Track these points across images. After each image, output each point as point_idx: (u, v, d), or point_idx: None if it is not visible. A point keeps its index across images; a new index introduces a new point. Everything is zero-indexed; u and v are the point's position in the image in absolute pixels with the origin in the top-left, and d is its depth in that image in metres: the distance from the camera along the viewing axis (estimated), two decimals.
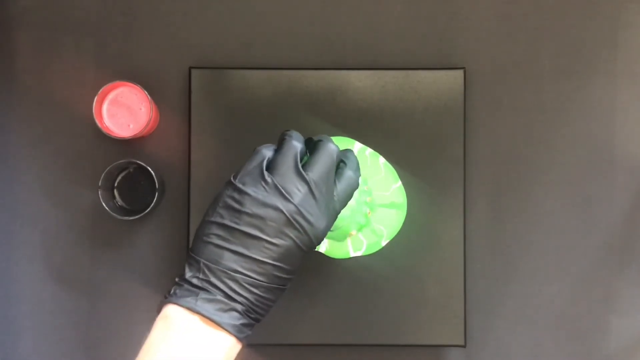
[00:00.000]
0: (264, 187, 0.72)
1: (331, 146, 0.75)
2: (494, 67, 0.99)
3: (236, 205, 0.72)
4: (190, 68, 0.97)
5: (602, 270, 0.98)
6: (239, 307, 0.71)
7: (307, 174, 0.73)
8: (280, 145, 0.75)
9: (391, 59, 0.99)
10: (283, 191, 0.72)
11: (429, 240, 0.96)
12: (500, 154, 0.98)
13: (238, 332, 0.71)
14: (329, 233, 0.85)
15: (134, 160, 0.94)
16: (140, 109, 0.95)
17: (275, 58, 0.99)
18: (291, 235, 0.72)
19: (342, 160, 0.78)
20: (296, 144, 0.74)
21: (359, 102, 0.96)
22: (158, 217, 0.98)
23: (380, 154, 0.96)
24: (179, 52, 0.99)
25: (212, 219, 0.73)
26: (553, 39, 0.99)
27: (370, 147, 0.96)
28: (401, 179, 0.96)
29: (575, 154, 0.98)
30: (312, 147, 0.77)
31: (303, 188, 0.73)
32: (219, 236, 0.72)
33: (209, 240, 0.73)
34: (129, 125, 0.95)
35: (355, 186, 0.78)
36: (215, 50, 0.99)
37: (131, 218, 0.93)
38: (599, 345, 0.98)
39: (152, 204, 0.94)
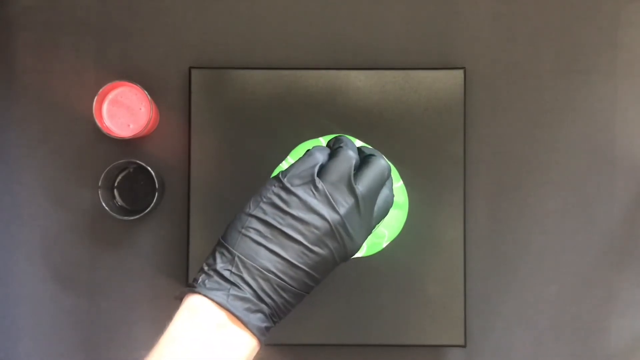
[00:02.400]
0: (313, 193, 0.71)
1: (383, 163, 0.74)
2: (494, 67, 0.99)
3: (282, 205, 0.71)
4: (190, 68, 0.97)
5: (602, 270, 0.98)
6: (265, 309, 0.70)
7: (357, 188, 0.72)
8: (335, 152, 0.74)
9: (391, 59, 0.99)
10: (332, 200, 0.71)
11: (429, 240, 0.96)
12: (500, 154, 0.98)
13: (261, 335, 0.70)
14: None
15: (134, 160, 0.94)
16: (140, 109, 0.95)
17: (275, 58, 0.99)
18: (330, 245, 0.71)
19: None
20: (352, 155, 0.73)
21: (359, 102, 0.96)
22: (158, 217, 0.98)
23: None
24: (179, 52, 0.99)
25: (254, 212, 0.71)
26: (553, 39, 0.99)
27: (371, 147, 0.96)
28: (401, 179, 0.96)
29: (576, 154, 0.98)
30: (361, 159, 0.75)
31: (351, 201, 0.72)
32: (258, 232, 0.71)
33: (247, 234, 0.71)
34: (129, 125, 0.95)
35: (390, 205, 0.77)
36: (215, 50, 0.99)
37: (131, 218, 0.93)
38: (599, 345, 0.98)
39: (152, 204, 0.94)
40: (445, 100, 0.96)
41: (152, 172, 0.93)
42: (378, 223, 0.76)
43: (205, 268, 0.71)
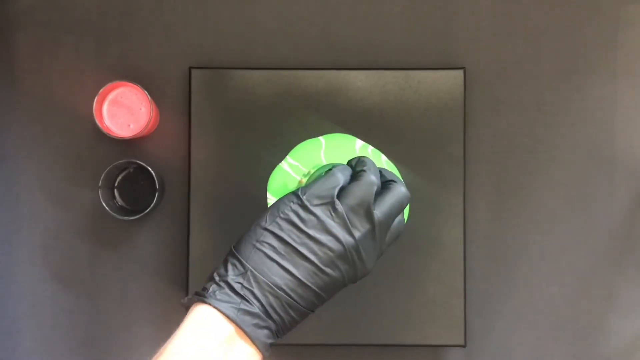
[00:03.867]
0: (331, 214, 0.71)
1: (404, 192, 0.74)
2: (494, 67, 0.99)
3: (299, 223, 0.71)
4: (190, 68, 0.97)
5: (602, 270, 0.98)
6: (272, 326, 0.70)
7: (375, 214, 0.72)
8: (357, 176, 0.73)
9: (391, 59, 0.99)
10: (349, 224, 0.71)
11: (429, 240, 0.96)
12: (500, 154, 0.98)
13: (265, 351, 0.70)
14: None
15: (134, 160, 0.94)
16: (140, 109, 0.95)
17: (275, 58, 0.99)
18: (342, 268, 0.71)
19: None
20: (374, 181, 0.73)
21: (359, 102, 0.96)
22: (158, 217, 0.98)
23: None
24: (179, 52, 0.99)
25: (270, 227, 0.71)
26: (553, 39, 0.99)
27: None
28: (402, 179, 0.96)
29: (575, 154, 0.98)
30: (382, 183, 0.75)
31: (367, 226, 0.72)
32: (272, 247, 0.70)
33: (262, 248, 0.70)
34: (129, 125, 0.95)
35: (402, 230, 0.76)
36: (215, 50, 0.99)
37: (131, 218, 0.93)
38: (599, 345, 0.98)
39: (152, 204, 0.94)
40: (445, 100, 0.96)
41: (152, 172, 0.93)
42: (387, 247, 0.76)
43: (217, 278, 0.71)
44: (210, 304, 0.69)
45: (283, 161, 0.95)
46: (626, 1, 0.99)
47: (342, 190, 0.73)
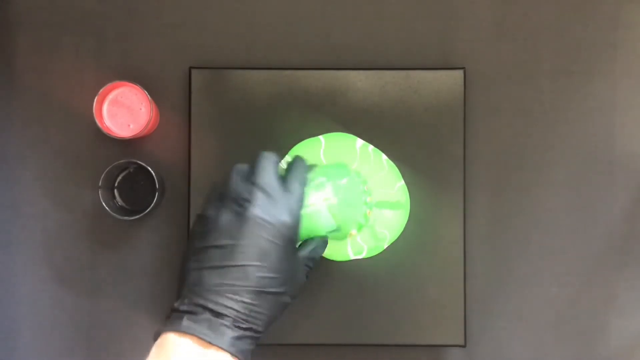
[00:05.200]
0: (216, 206, 0.78)
1: (267, 154, 0.82)
2: (494, 67, 0.99)
3: (200, 229, 0.77)
4: (190, 68, 0.97)
5: (602, 270, 0.98)
6: (227, 320, 0.73)
7: (254, 181, 0.79)
8: (226, 176, 0.82)
9: (391, 59, 0.99)
10: (238, 199, 0.77)
11: (429, 240, 0.96)
12: (500, 154, 0.98)
13: (230, 347, 0.72)
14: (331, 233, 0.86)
15: (134, 160, 0.94)
16: (140, 109, 0.95)
17: (275, 58, 0.99)
18: (256, 232, 0.75)
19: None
20: (237, 167, 0.82)
21: (359, 102, 0.96)
22: (158, 217, 0.98)
23: None
24: (179, 52, 0.99)
25: (188, 251, 0.78)
26: (553, 39, 0.99)
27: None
28: (402, 179, 0.96)
29: (575, 154, 0.98)
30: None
31: (252, 192, 0.78)
32: (195, 260, 0.76)
33: (189, 267, 0.76)
34: (129, 125, 0.95)
35: (305, 175, 0.83)
36: (215, 50, 0.99)
37: (131, 218, 0.93)
38: (599, 345, 0.98)
39: (152, 204, 0.94)
40: (445, 100, 0.96)
41: (152, 172, 0.93)
42: (302, 200, 0.82)
43: (169, 313, 0.76)
44: (163, 331, 0.74)
45: (282, 160, 0.95)
46: (626, 1, 0.99)
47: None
